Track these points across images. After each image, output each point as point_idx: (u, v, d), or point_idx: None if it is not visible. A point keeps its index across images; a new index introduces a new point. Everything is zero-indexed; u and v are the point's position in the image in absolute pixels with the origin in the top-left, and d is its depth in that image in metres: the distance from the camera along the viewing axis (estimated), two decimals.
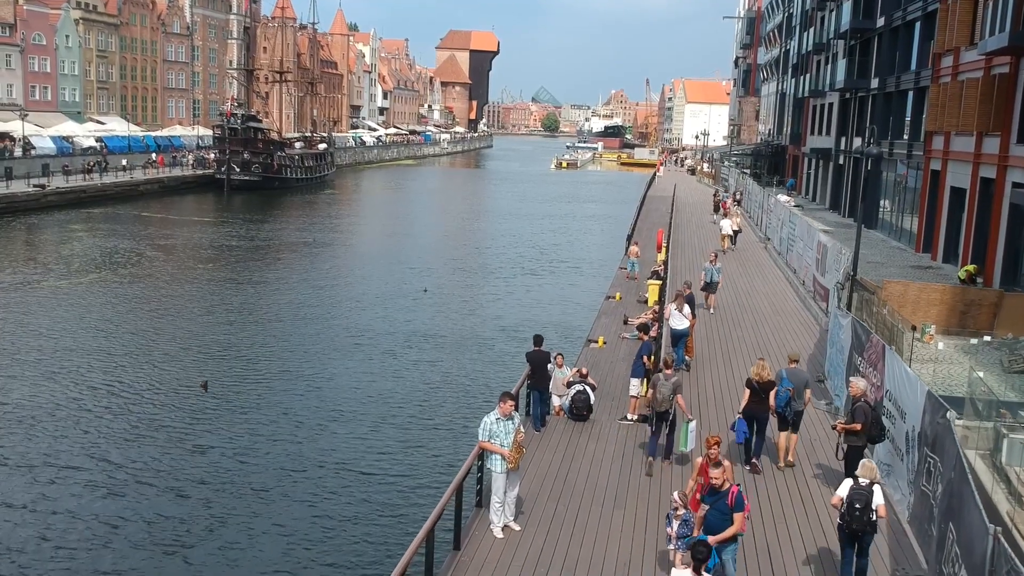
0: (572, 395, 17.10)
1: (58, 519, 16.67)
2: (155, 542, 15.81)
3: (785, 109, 79.43)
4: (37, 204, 63.00)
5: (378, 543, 16.36)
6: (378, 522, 17.22)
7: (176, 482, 18.51)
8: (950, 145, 36.27)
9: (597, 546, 11.92)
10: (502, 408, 12.18)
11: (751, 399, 14.71)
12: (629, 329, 24.75)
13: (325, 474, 19.32)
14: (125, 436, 20.99)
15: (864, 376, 15.65)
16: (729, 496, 10.58)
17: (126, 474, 18.77)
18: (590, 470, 14.54)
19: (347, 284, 42.75)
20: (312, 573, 15.28)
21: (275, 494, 18.28)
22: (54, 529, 16.29)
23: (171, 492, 18.05)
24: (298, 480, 18.99)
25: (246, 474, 19.19)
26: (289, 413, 23.15)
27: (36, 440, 20.44)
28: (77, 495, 17.75)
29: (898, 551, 12.12)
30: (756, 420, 14.71)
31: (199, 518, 16.97)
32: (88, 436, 20.90)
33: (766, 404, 14.67)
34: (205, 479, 18.80)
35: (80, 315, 32.95)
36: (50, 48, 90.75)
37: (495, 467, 12.10)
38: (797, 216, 33.46)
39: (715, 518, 10.58)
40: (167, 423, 21.95)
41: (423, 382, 26.37)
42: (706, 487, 10.79)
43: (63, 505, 17.28)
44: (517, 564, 11.38)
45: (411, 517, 17.10)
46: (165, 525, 16.54)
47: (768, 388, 14.66)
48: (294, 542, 16.27)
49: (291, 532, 16.71)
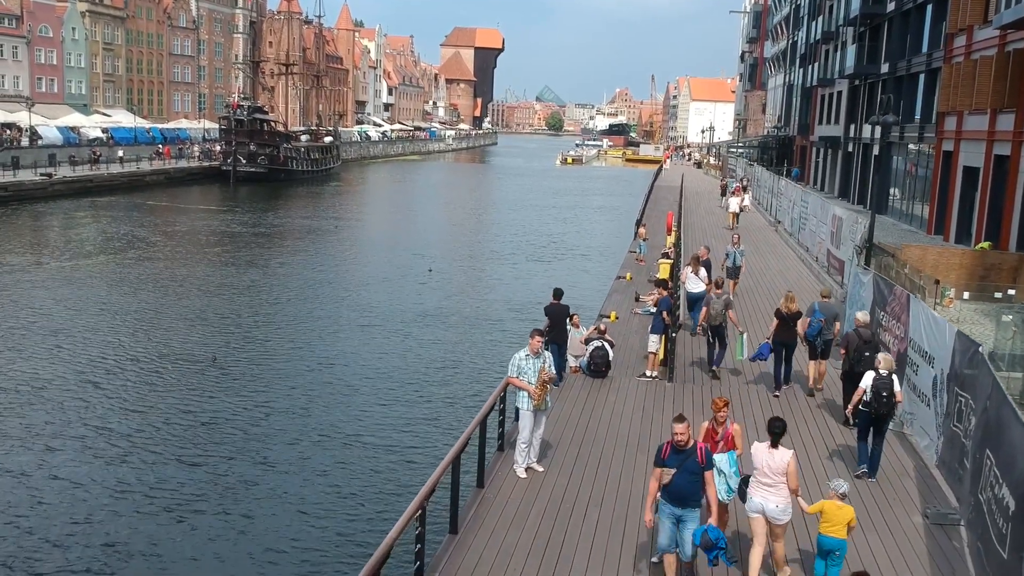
0: (590, 351, 16.93)
1: (71, 488, 16.47)
2: (166, 508, 15.56)
3: (793, 100, 79.23)
4: (44, 193, 62.91)
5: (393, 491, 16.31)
6: (396, 471, 17.19)
7: (186, 451, 18.21)
8: (963, 125, 36.13)
9: (622, 486, 11.79)
10: (532, 344, 12.05)
11: (779, 328, 15.82)
12: (641, 305, 24.60)
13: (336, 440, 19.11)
14: (135, 408, 20.76)
15: (887, 330, 15.49)
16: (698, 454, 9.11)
17: (133, 444, 18.48)
18: (611, 419, 14.41)
19: (356, 268, 42.65)
20: (330, 515, 15.22)
21: (300, 447, 18.20)
22: (64, 498, 16.11)
23: (182, 461, 17.76)
24: (315, 437, 18.86)
25: (262, 440, 19.02)
26: (302, 383, 23.04)
27: (47, 412, 20.25)
28: (88, 463, 17.52)
29: (927, 493, 11.97)
30: (785, 347, 15.86)
31: (212, 484, 16.73)
32: (96, 408, 20.72)
33: (793, 332, 15.78)
34: (217, 446, 18.61)
35: (87, 295, 32.86)
36: (56, 40, 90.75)
37: (522, 404, 11.97)
38: (810, 194, 33.25)
39: (684, 481, 9.04)
40: (178, 396, 21.76)
41: (435, 357, 26.16)
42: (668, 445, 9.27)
43: (74, 473, 17.06)
44: (541, 502, 11.24)
45: None
46: (176, 493, 16.23)
47: (795, 318, 15.78)
48: (312, 480, 16.16)
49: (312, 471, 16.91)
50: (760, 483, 9.34)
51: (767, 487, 9.30)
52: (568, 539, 10.30)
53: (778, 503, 9.29)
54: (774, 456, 9.30)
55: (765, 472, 9.29)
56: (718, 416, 10.26)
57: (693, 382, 16.73)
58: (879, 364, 12.27)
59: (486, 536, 10.28)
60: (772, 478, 9.25)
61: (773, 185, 47.98)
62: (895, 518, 11.16)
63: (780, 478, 9.25)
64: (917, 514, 11.32)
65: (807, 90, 71.16)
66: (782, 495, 9.29)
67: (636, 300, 25.41)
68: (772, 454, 9.31)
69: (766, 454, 9.33)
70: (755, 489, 9.38)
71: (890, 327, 15.28)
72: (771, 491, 9.29)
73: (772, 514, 9.30)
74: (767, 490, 9.31)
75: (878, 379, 12.12)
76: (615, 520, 10.81)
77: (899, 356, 14.62)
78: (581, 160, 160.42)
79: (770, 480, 9.26)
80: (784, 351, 15.86)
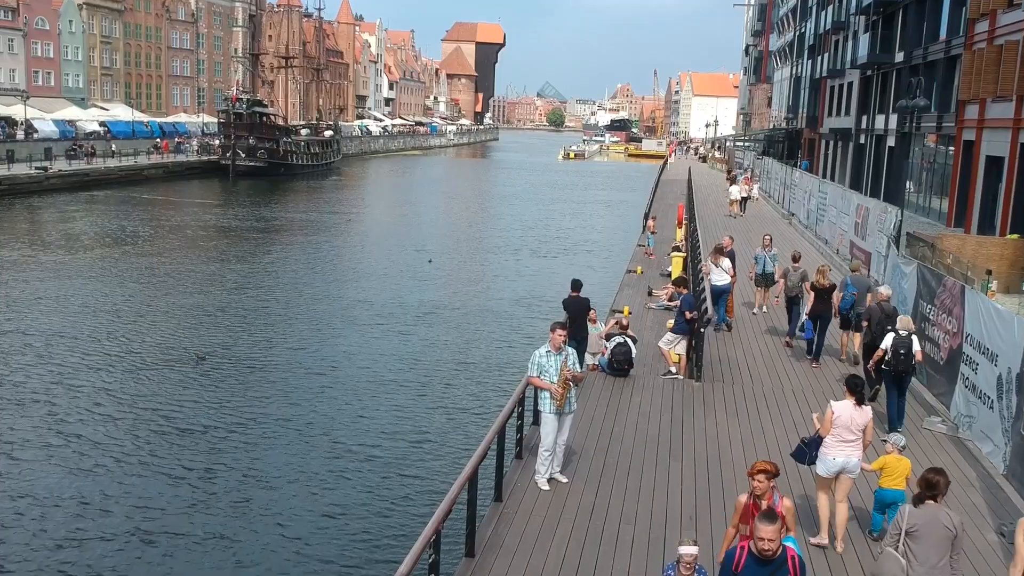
0: (612, 347, 15.69)
1: (56, 492, 15.28)
2: (142, 522, 14.23)
3: (800, 92, 77.96)
4: (40, 187, 61.68)
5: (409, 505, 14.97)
6: (411, 482, 15.83)
7: (163, 461, 16.73)
8: (985, 113, 34.84)
9: (656, 500, 10.54)
10: (553, 339, 10.74)
11: (816, 301, 16.48)
12: (655, 300, 23.46)
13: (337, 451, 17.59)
14: (120, 407, 19.49)
15: (936, 324, 14.27)
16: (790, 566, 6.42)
17: (120, 445, 17.26)
18: (638, 422, 13.17)
19: (356, 263, 41.43)
20: (331, 540, 13.85)
21: (311, 447, 16.92)
22: (43, 505, 14.89)
23: (158, 474, 16.34)
24: (314, 448, 17.55)
25: (252, 451, 17.74)
26: (300, 386, 21.77)
27: (24, 414, 19.02)
28: (81, 467, 16.35)
29: (996, 506, 10.73)
30: (820, 319, 16.59)
31: (195, 503, 15.37)
32: (80, 407, 19.49)
33: (828, 305, 16.37)
34: (202, 455, 17.33)
35: (78, 289, 31.61)
36: (53, 33, 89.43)
37: (544, 407, 10.71)
38: (828, 185, 31.98)
39: None
40: (161, 398, 20.41)
41: (441, 357, 24.85)
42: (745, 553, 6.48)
43: (65, 474, 15.90)
44: (567, 519, 9.99)
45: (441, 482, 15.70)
46: (149, 509, 14.85)
47: (829, 291, 16.37)
48: (310, 499, 14.87)
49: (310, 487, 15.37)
50: (843, 441, 9.38)
51: (850, 444, 9.40)
52: (600, 565, 9.07)
53: (859, 457, 9.47)
54: (862, 412, 9.44)
55: (851, 429, 9.37)
56: (757, 486, 7.56)
57: (722, 381, 15.50)
58: (898, 324, 13.12)
59: (507, 560, 9.04)
60: (856, 434, 9.38)
61: (785, 177, 46.75)
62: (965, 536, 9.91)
63: (860, 434, 9.44)
64: (989, 530, 10.09)
65: (816, 82, 69.85)
66: (860, 450, 9.48)
67: (649, 295, 24.25)
68: (859, 411, 9.43)
69: (853, 411, 9.42)
70: (836, 448, 9.40)
71: (940, 322, 14.05)
72: (853, 447, 9.40)
73: (852, 469, 9.45)
74: (850, 447, 9.40)
75: (897, 339, 12.80)
76: (652, 541, 9.56)
77: (951, 353, 13.45)
78: (583, 155, 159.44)
79: (854, 436, 9.38)
80: (819, 322, 16.62)
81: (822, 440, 9.45)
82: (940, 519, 7.31)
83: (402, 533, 13.60)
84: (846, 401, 9.51)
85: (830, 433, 9.37)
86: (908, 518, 7.30)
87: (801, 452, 9.68)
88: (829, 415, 9.45)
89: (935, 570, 7.12)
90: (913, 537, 7.19)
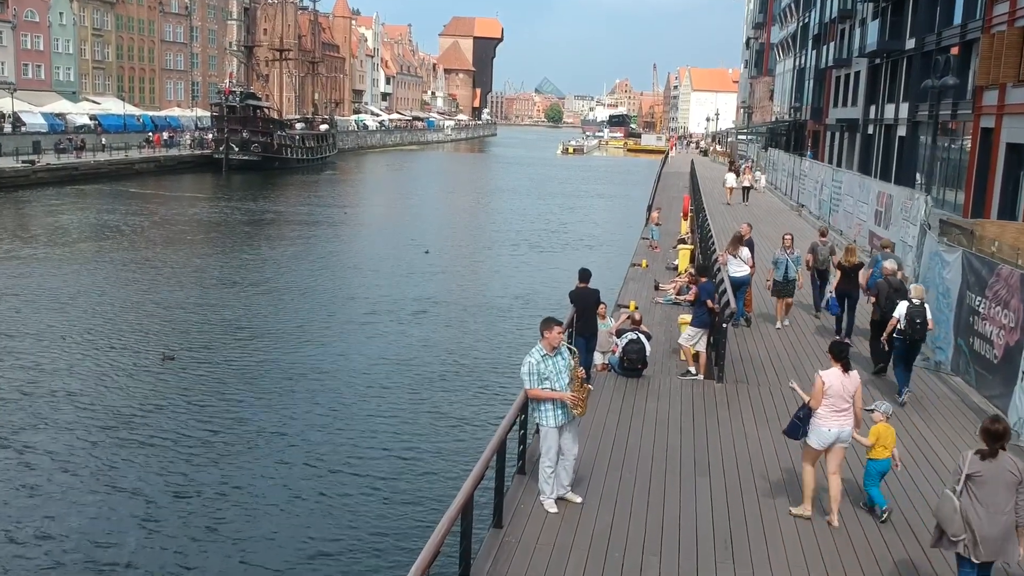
0: (623, 345, 14.16)
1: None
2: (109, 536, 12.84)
3: (805, 83, 76.64)
4: (27, 180, 60.13)
5: (402, 528, 13.39)
6: (406, 499, 14.20)
7: (125, 477, 15.27)
8: (1005, 98, 33.36)
9: (684, 524, 9.01)
10: (549, 338, 9.06)
11: (842, 279, 16.35)
12: (662, 294, 22.05)
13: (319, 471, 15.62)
14: (83, 410, 18.02)
15: (988, 318, 12.77)
16: None
17: (74, 460, 15.81)
18: (656, 430, 11.63)
19: (350, 258, 39.89)
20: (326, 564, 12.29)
21: (289, 464, 15.34)
22: None
23: (130, 488, 15.03)
24: (297, 459, 16.02)
25: (225, 465, 16.21)
26: (281, 382, 20.21)
27: None
28: (26, 484, 14.83)
29: None
30: (848, 298, 16.33)
31: (192, 499, 14.01)
32: (41, 413, 17.98)
33: (855, 283, 16.08)
34: (185, 456, 15.84)
35: (54, 285, 30.06)
36: (43, 25, 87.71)
37: (546, 420, 9.11)
38: (844, 173, 30.48)
39: None
40: (137, 400, 18.95)
41: (436, 358, 23.26)
42: None
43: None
44: (580, 548, 8.45)
45: (436, 496, 14.16)
46: (141, 509, 13.53)
47: (856, 269, 16.23)
48: (306, 520, 13.35)
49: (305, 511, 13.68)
50: (837, 410, 9.09)
51: (842, 412, 9.11)
52: None
53: (851, 425, 9.19)
54: (850, 378, 9.14)
55: (844, 398, 9.08)
56: None
57: (747, 382, 13.95)
58: (911, 294, 13.17)
59: None
60: (849, 402, 9.11)
61: (793, 167, 45.27)
62: None
63: (852, 401, 9.13)
64: None
65: (821, 72, 68.49)
66: (852, 418, 9.18)
67: (656, 289, 22.84)
68: (848, 377, 9.13)
69: (843, 378, 9.10)
70: (829, 419, 9.08)
71: (992, 315, 12.54)
72: (845, 416, 9.13)
73: (846, 439, 9.20)
74: (844, 416, 9.12)
75: (911, 308, 12.81)
76: (683, 574, 8.05)
77: (1008, 350, 11.99)
78: (582, 150, 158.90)
79: (847, 404, 9.11)
80: (847, 301, 16.34)
81: (812, 412, 9.15)
82: (1005, 465, 7.14)
83: (389, 566, 12.03)
84: (834, 369, 9.19)
85: (822, 404, 9.06)
86: (970, 464, 7.16)
87: (795, 427, 9.31)
88: (819, 385, 9.06)
89: (1001, 514, 7.06)
90: (976, 482, 7.11)
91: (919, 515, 9.39)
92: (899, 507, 9.60)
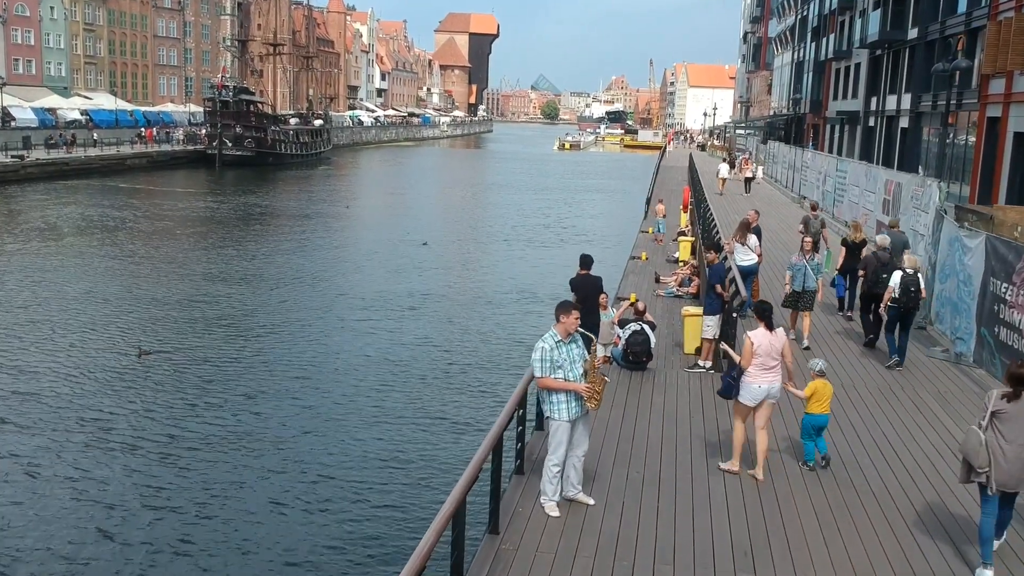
0: (627, 336, 13.38)
1: None
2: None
3: (803, 77, 75.97)
4: (15, 176, 59.29)
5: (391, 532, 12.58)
6: (397, 503, 13.37)
7: (108, 483, 14.56)
8: (1012, 86, 32.62)
9: (699, 527, 8.24)
10: (565, 323, 8.29)
11: (847, 256, 16.55)
12: (663, 287, 21.37)
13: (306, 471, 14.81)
14: (58, 412, 17.23)
15: (1015, 306, 12.00)
16: None
17: (50, 462, 15.01)
18: (663, 426, 10.85)
19: (344, 254, 39.09)
20: None
21: (273, 467, 14.51)
22: None
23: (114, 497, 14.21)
24: (273, 462, 15.20)
25: (243, 439, 15.42)
26: (271, 381, 19.41)
27: None
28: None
29: None
30: (851, 274, 16.52)
31: (170, 507, 13.20)
32: (12, 413, 17.17)
33: (860, 260, 15.91)
34: (162, 459, 15.03)
35: (36, 281, 29.23)
36: (34, 20, 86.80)
37: (558, 413, 8.30)
38: (849, 163, 29.72)
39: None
40: (112, 398, 18.14)
41: (431, 349, 22.49)
42: None
43: None
44: (584, 557, 7.64)
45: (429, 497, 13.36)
46: (116, 517, 12.69)
47: (861, 247, 16.48)
48: (291, 524, 12.55)
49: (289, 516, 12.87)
50: (767, 368, 9.38)
51: (772, 370, 9.42)
52: None
53: (780, 382, 9.52)
54: (776, 336, 9.46)
55: (771, 356, 9.38)
56: None
57: None
58: (905, 263, 13.58)
59: None
60: (777, 359, 9.42)
61: (794, 159, 44.54)
62: None
63: (780, 359, 9.45)
64: None
65: (820, 65, 67.80)
66: (779, 375, 9.51)
67: (656, 281, 22.13)
68: (774, 336, 9.45)
69: (770, 337, 9.41)
70: (759, 377, 9.36)
71: (1021, 303, 11.76)
72: (775, 373, 9.45)
73: (775, 394, 9.48)
74: (773, 373, 9.43)
75: (906, 276, 13.28)
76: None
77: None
78: (579, 146, 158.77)
79: (775, 362, 9.42)
80: (850, 277, 16.55)
81: (743, 371, 9.41)
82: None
83: None
84: (760, 329, 9.49)
85: (752, 363, 9.31)
86: (995, 402, 7.45)
87: (729, 387, 9.57)
88: (748, 345, 9.34)
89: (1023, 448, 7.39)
90: (1001, 418, 7.42)
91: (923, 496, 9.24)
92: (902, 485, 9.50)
